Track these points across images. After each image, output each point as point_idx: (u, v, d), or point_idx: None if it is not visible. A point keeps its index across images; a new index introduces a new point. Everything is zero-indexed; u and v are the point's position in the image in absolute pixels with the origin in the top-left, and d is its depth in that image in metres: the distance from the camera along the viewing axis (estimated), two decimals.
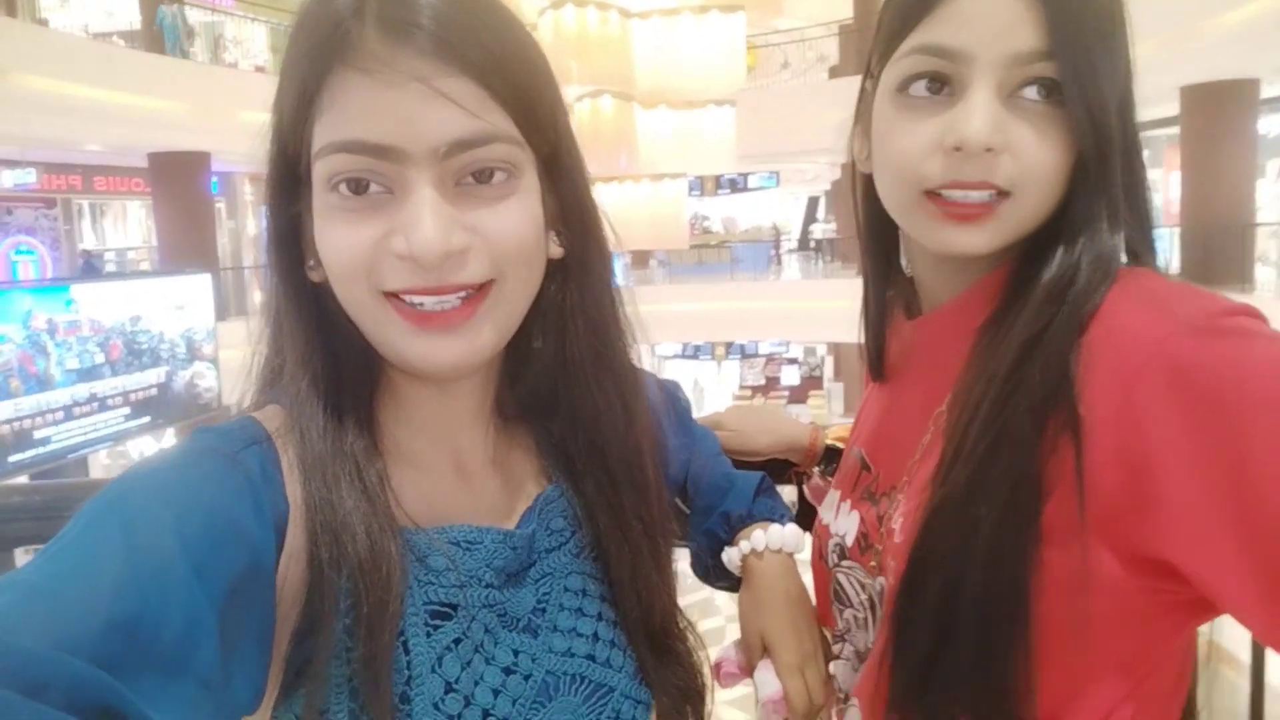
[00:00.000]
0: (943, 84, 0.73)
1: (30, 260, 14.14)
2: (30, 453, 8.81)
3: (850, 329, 0.96)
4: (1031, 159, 0.71)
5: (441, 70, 0.60)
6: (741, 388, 20.58)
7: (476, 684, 0.67)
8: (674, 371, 21.04)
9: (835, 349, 18.87)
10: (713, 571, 0.98)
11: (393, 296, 0.63)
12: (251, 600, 0.58)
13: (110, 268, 15.89)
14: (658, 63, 9.29)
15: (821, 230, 20.31)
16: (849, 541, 0.88)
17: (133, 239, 17.10)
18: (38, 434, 9.00)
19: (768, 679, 0.89)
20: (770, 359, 21.11)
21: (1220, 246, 9.63)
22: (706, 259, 17.81)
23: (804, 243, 20.77)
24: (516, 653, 0.70)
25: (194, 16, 13.27)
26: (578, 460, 0.77)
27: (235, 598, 0.56)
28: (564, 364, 0.75)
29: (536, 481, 0.79)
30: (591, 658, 0.74)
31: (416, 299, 0.63)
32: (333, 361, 0.68)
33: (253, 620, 0.59)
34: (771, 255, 19.17)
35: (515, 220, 0.65)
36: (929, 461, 0.77)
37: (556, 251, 0.71)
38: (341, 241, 0.62)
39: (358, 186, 0.61)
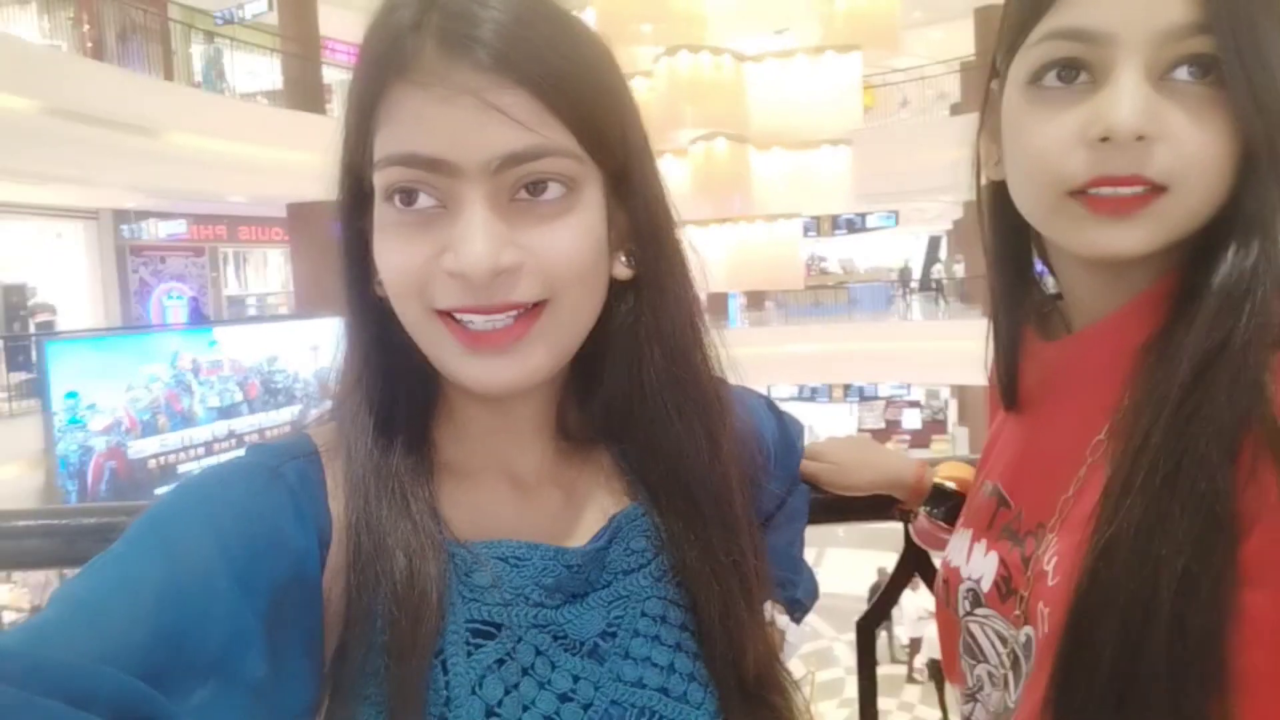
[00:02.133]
0: (1079, 70, 0.65)
1: (180, 305, 15.12)
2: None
3: (975, 372, 0.89)
4: (1190, 147, 0.63)
5: (496, 84, 0.59)
6: (860, 431, 20.11)
7: (526, 709, 0.63)
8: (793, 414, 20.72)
9: (960, 392, 18.24)
10: None
11: (445, 315, 0.62)
12: (297, 609, 0.59)
13: (251, 311, 16.87)
14: (772, 104, 9.30)
15: (944, 269, 19.79)
16: (985, 586, 0.79)
17: (272, 284, 18.10)
18: (181, 469, 9.55)
19: None
20: (890, 402, 20.59)
21: None
22: (823, 300, 17.58)
23: (925, 283, 20.26)
24: (576, 679, 0.66)
25: (330, 75, 14.08)
26: (659, 491, 0.74)
27: (280, 607, 0.57)
28: (639, 390, 0.71)
29: (616, 501, 0.75)
30: (665, 691, 0.68)
31: (467, 318, 0.62)
32: (389, 377, 0.67)
33: (300, 629, 0.59)
34: (892, 296, 18.77)
35: (570, 239, 0.63)
36: (1088, 495, 0.68)
37: (624, 272, 0.69)
38: (395, 258, 0.62)
39: (409, 198, 0.61)
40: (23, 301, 13.24)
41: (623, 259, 0.69)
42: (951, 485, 1.00)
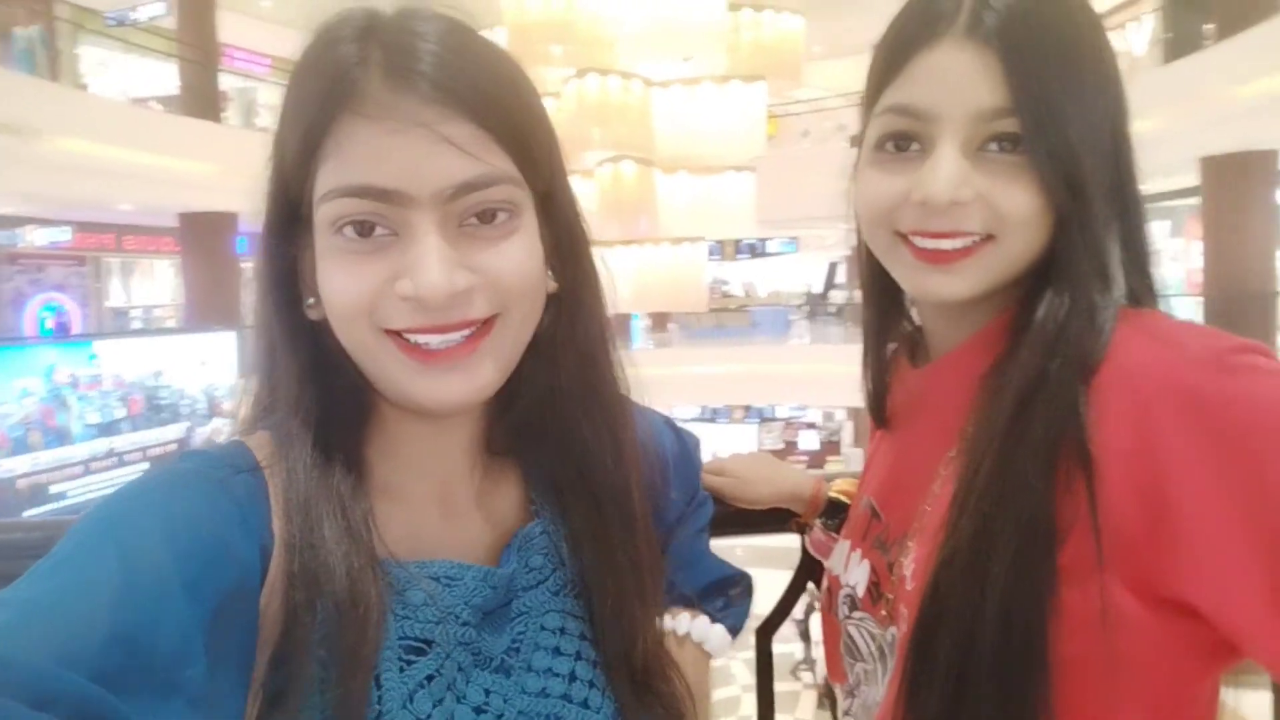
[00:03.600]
0: (911, 141, 0.74)
1: (53, 316, 14.36)
2: (46, 507, 8.83)
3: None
4: (1007, 205, 0.72)
5: (444, 115, 0.61)
6: (760, 451, 20.33)
7: None
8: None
9: (854, 414, 18.73)
10: None
11: (394, 334, 0.64)
12: (236, 621, 0.59)
13: (136, 324, 16.12)
14: (678, 129, 9.45)
15: (847, 294, 20.35)
16: (860, 592, 0.87)
17: (160, 296, 17.37)
18: (54, 488, 9.03)
19: None
20: (789, 423, 20.98)
21: (1243, 315, 9.53)
22: (726, 322, 17.85)
23: (823, 307, 20.79)
24: (488, 692, 0.70)
25: (228, 82, 13.66)
26: (566, 491, 0.77)
27: (221, 617, 0.57)
28: (553, 395, 0.75)
29: (520, 517, 0.78)
30: (567, 698, 0.72)
31: (421, 338, 0.64)
32: (324, 399, 0.68)
33: (235, 641, 0.59)
34: (791, 320, 19.18)
35: (518, 259, 0.66)
36: (940, 507, 0.76)
37: (552, 286, 0.72)
38: (345, 283, 0.63)
39: (363, 229, 0.63)
40: None
41: (549, 274, 0.72)
42: (845, 499, 1.06)
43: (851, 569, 0.90)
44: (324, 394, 0.68)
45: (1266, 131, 9.61)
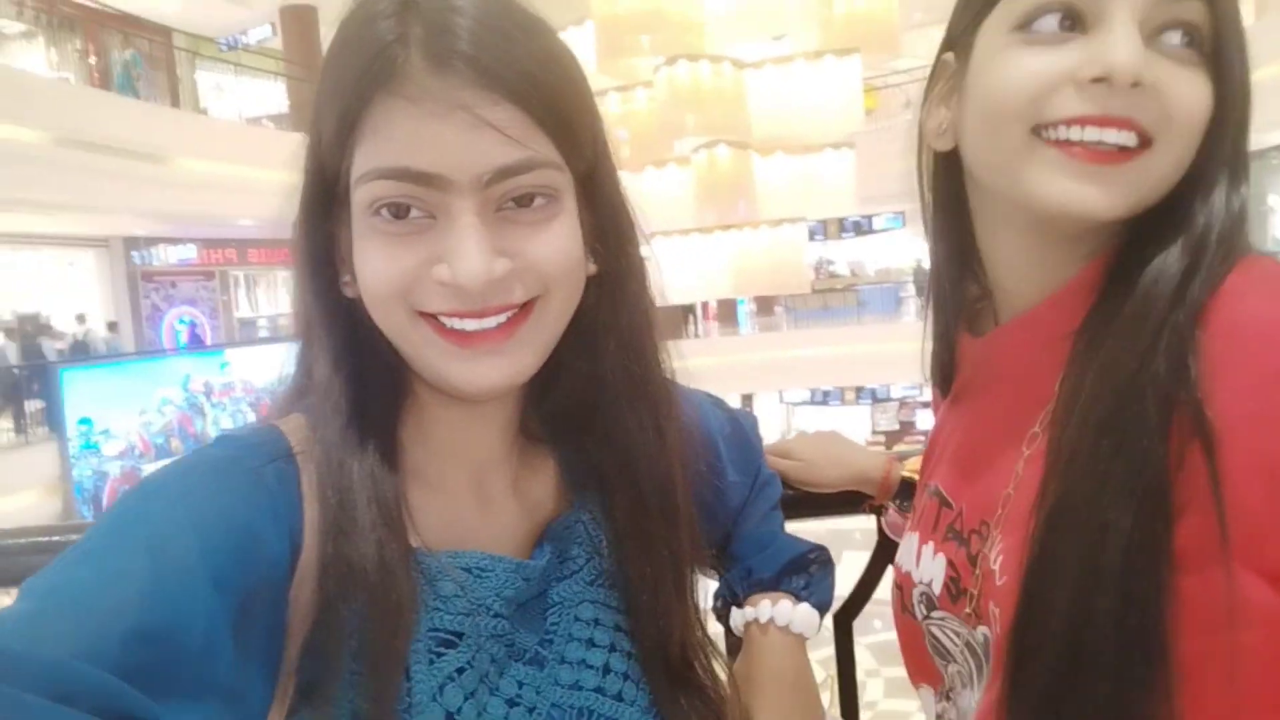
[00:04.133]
0: (1070, 19, 0.64)
1: (190, 329, 15.24)
2: None
3: None
4: (1180, 104, 0.63)
5: (485, 98, 0.59)
6: (874, 433, 19.96)
7: (479, 715, 0.65)
8: (805, 419, 20.65)
9: None
10: (726, 622, 0.93)
11: (430, 317, 0.63)
12: (263, 614, 0.59)
13: (262, 333, 16.97)
14: (773, 110, 9.29)
15: None
16: (936, 589, 0.79)
17: (283, 305, 18.22)
18: None
19: None
20: (903, 403, 20.46)
21: None
22: (832, 303, 17.52)
23: None
24: (521, 685, 0.69)
25: None
26: (607, 481, 0.75)
27: (248, 611, 0.57)
28: (596, 381, 0.73)
29: (557, 507, 0.76)
30: (601, 691, 0.71)
31: (458, 323, 0.62)
32: (359, 380, 0.67)
33: (263, 633, 0.59)
34: (902, 297, 18.68)
35: (557, 244, 0.64)
36: (1027, 490, 0.68)
37: (592, 269, 0.70)
38: (381, 265, 0.62)
39: (399, 211, 0.61)
40: (37, 330, 13.36)
41: (589, 256, 0.70)
42: (919, 478, 1.00)
43: (924, 564, 0.82)
44: (358, 375, 0.67)
45: None
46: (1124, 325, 0.63)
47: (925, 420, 19.98)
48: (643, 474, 0.74)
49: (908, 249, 23.29)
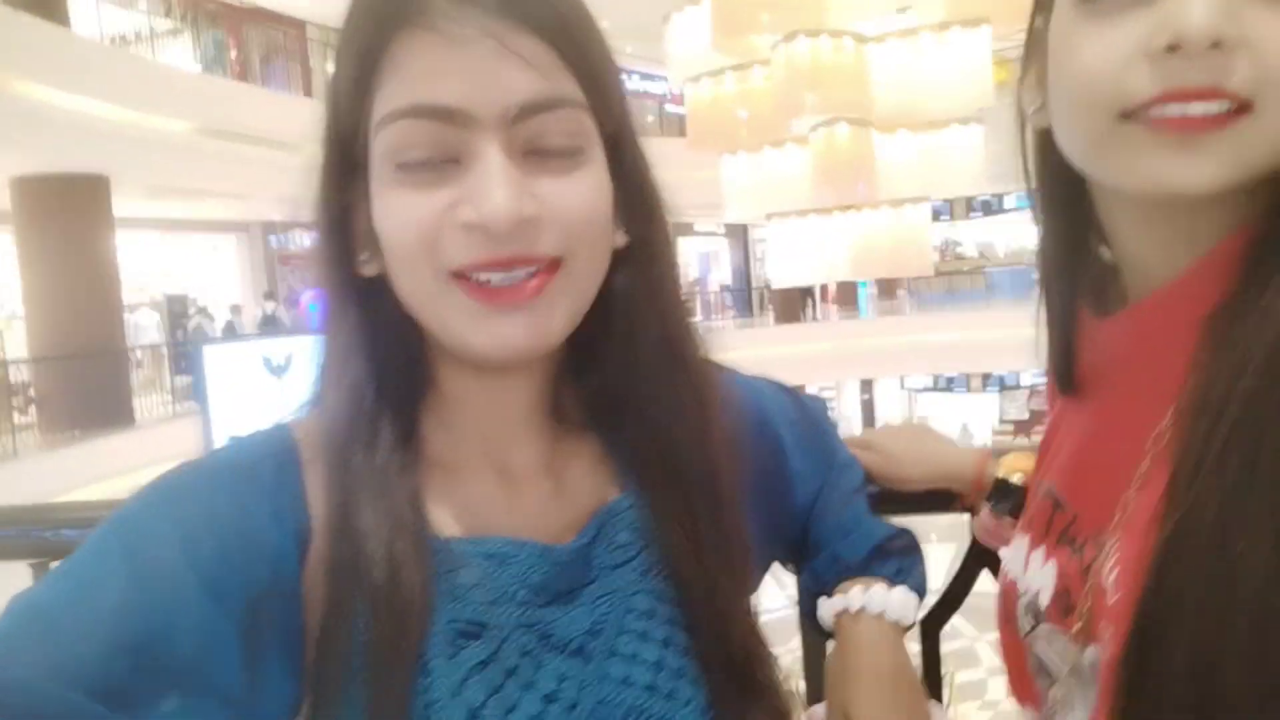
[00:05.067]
0: None
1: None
2: None
3: None
4: (1276, 55, 0.53)
5: (512, 28, 0.57)
6: (1002, 422, 19.25)
7: (509, 712, 0.61)
8: (928, 405, 20.07)
9: None
10: (812, 618, 0.86)
11: (459, 277, 0.60)
12: (276, 613, 0.58)
13: None
14: (896, 85, 9.00)
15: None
16: (1045, 601, 0.72)
17: None
18: None
19: None
20: (1034, 391, 19.64)
21: None
22: (958, 286, 16.95)
23: None
24: (562, 679, 0.63)
25: None
26: (649, 466, 0.70)
27: (258, 612, 0.56)
28: (634, 360, 0.69)
29: (602, 493, 0.72)
30: (653, 688, 0.65)
31: (484, 275, 0.59)
32: (377, 363, 0.64)
33: (279, 632, 0.58)
34: (1034, 279, 17.91)
35: (584, 193, 0.61)
36: (1150, 496, 0.60)
37: (621, 239, 0.67)
38: (405, 214, 0.59)
39: (422, 155, 0.59)
40: (184, 310, 14.27)
41: (618, 226, 0.67)
42: (1017, 478, 0.91)
43: (1032, 572, 0.74)
44: (377, 359, 0.65)
45: None
46: (1267, 306, 0.54)
47: None
48: (685, 460, 0.70)
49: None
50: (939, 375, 19.27)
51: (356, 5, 0.61)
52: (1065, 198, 0.71)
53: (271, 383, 9.75)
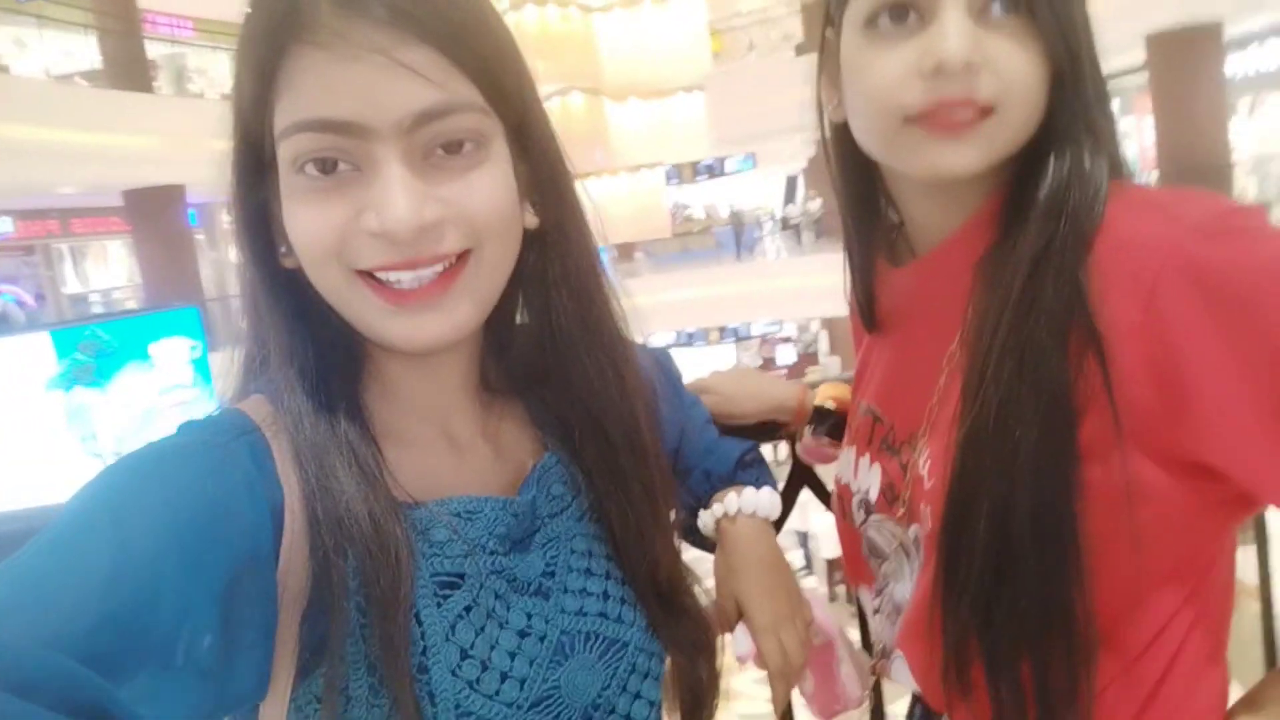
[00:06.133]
0: (908, 11, 0.72)
1: (13, 307, 14.11)
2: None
3: (841, 304, 0.95)
4: (1012, 72, 0.70)
5: (400, 40, 0.59)
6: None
7: (493, 648, 0.68)
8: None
9: (828, 324, 18.85)
10: (691, 532, 0.98)
11: (367, 276, 0.63)
12: (253, 588, 0.59)
13: (97, 309, 15.84)
14: (624, 55, 9.28)
15: (800, 207, 20.28)
16: (874, 496, 0.88)
17: (117, 278, 17.05)
18: None
19: (742, 639, 0.90)
20: (765, 340, 21.12)
21: (1199, 188, 9.66)
22: (691, 246, 17.80)
23: (786, 221, 20.75)
24: (529, 615, 0.71)
25: (155, 50, 13.21)
26: (576, 429, 0.77)
27: (236, 587, 0.57)
28: (552, 335, 0.74)
29: (532, 451, 0.79)
30: (604, 615, 0.75)
31: (393, 276, 0.62)
32: (316, 347, 0.67)
33: (255, 609, 0.59)
34: (758, 236, 19.15)
35: (488, 190, 0.64)
36: (949, 403, 0.77)
37: (532, 221, 0.71)
38: (310, 224, 0.62)
39: (324, 166, 0.61)
40: None
41: (529, 209, 0.70)
42: (831, 405, 1.08)
43: (862, 475, 0.91)
44: (316, 343, 0.67)
45: (1210, 4, 9.58)
46: (1020, 254, 0.71)
47: (785, 355, 20.70)
48: (608, 419, 0.76)
49: (760, 190, 23.80)
50: (680, 331, 20.22)
51: (251, 18, 0.62)
52: (859, 175, 0.86)
53: None
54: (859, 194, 0.89)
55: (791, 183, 22.68)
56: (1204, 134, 10.04)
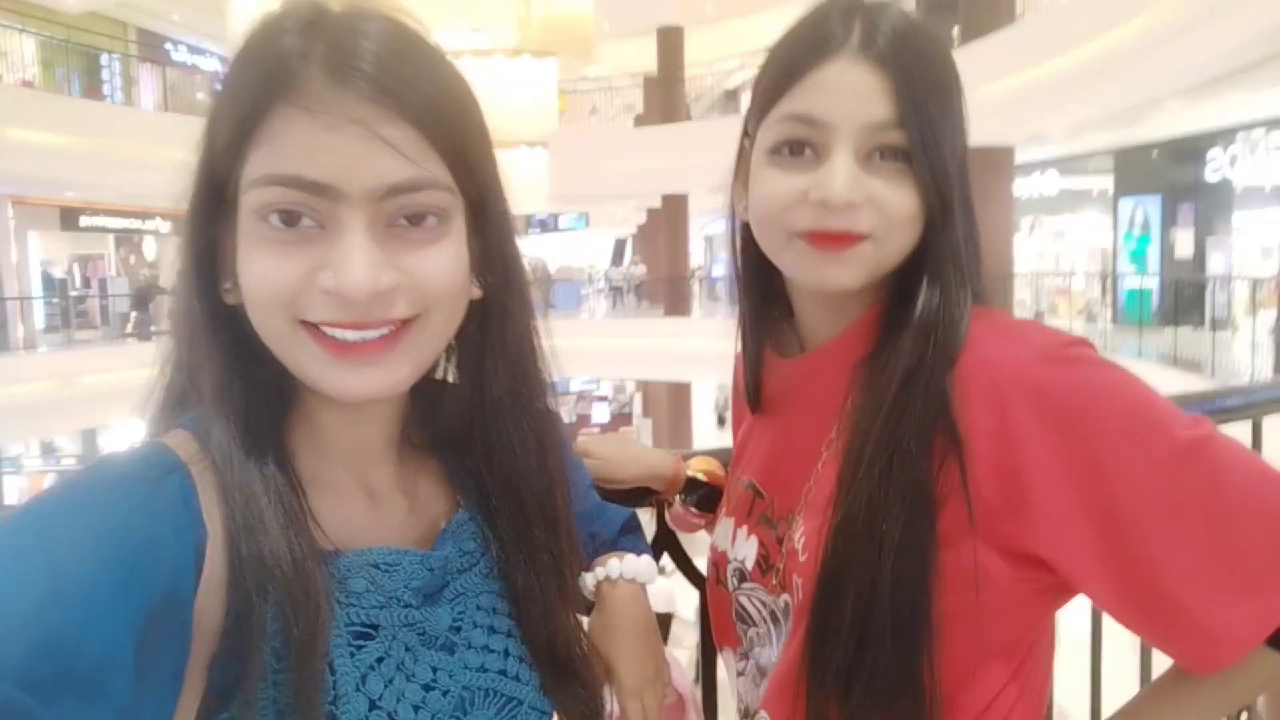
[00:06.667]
0: (805, 147, 0.81)
1: None
2: None
3: (657, 367, 1.03)
4: (889, 209, 0.80)
5: (383, 116, 0.62)
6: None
7: (399, 701, 0.69)
8: None
9: (643, 386, 19.25)
10: None
11: (311, 326, 0.64)
12: (167, 626, 0.58)
13: None
14: None
15: (625, 271, 20.73)
16: (749, 565, 0.94)
17: None
18: None
19: (607, 701, 0.93)
20: (581, 396, 21.28)
21: (988, 294, 10.69)
22: None
23: (610, 283, 21.18)
24: (435, 670, 0.72)
25: None
26: (492, 495, 0.79)
27: (153, 625, 0.56)
28: (482, 402, 0.77)
29: (445, 508, 0.80)
30: (503, 673, 0.77)
31: (339, 333, 0.64)
32: (248, 385, 0.68)
33: (167, 647, 0.58)
34: (583, 295, 19.39)
35: (444, 264, 0.66)
36: (824, 485, 0.84)
37: (477, 293, 0.73)
38: (266, 272, 0.63)
39: (289, 219, 0.62)
40: None
41: (475, 281, 0.72)
42: (703, 477, 1.15)
43: (739, 544, 0.97)
44: (247, 380, 0.67)
45: (1005, 129, 10.76)
46: (894, 366, 0.81)
47: (600, 413, 20.90)
48: (525, 490, 0.79)
49: (588, 249, 24.21)
50: None
51: (239, 67, 0.63)
52: (760, 273, 0.95)
53: None
54: (758, 288, 0.97)
55: (620, 245, 23.23)
56: (992, 247, 11.10)
